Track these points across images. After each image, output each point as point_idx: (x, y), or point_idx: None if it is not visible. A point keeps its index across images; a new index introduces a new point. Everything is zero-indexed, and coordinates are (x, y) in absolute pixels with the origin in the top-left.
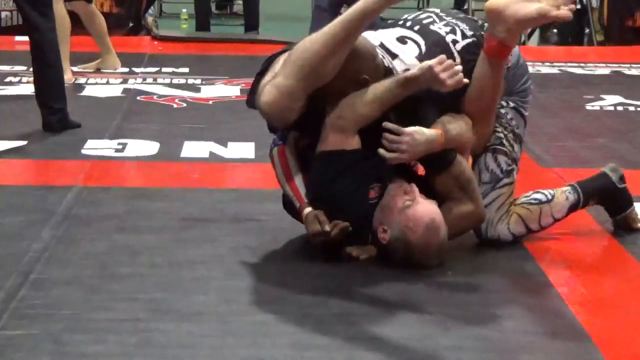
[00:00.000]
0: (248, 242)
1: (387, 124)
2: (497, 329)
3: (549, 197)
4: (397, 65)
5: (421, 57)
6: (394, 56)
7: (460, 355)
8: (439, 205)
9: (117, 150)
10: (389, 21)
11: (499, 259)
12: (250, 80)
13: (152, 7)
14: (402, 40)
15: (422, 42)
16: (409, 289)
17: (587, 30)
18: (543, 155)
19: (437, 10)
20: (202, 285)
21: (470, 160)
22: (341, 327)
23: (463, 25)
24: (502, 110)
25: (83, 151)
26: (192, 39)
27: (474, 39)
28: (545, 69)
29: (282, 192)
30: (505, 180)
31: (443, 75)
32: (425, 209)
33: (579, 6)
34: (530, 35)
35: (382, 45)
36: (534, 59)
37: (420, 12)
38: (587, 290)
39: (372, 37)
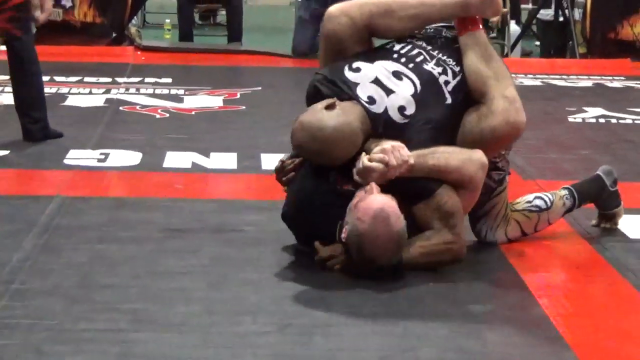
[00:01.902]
0: (230, 252)
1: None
2: (477, 341)
3: (549, 204)
4: (393, 103)
5: (416, 96)
6: (389, 92)
7: None
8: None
9: (99, 160)
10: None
11: (480, 271)
12: (233, 91)
13: (135, 17)
14: (398, 76)
15: (417, 81)
16: (390, 299)
17: (569, 43)
18: (526, 167)
19: (424, 44)
20: (184, 295)
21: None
22: (322, 338)
23: (451, 62)
24: None
25: (65, 161)
26: (176, 50)
27: (462, 75)
28: (528, 81)
29: None
30: (499, 189)
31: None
32: (375, 199)
33: (561, 18)
34: (513, 47)
35: (377, 80)
36: (516, 71)
37: (410, 47)
38: (568, 302)
39: (368, 72)
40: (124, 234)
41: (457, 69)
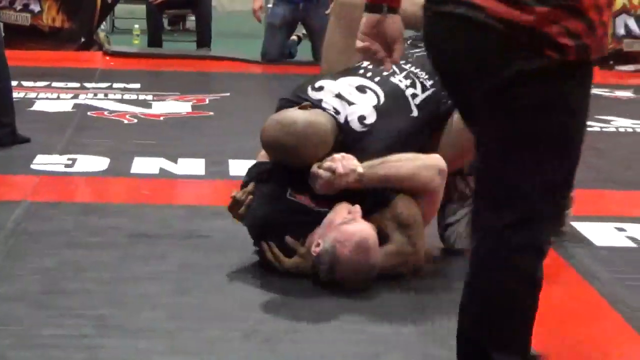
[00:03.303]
0: (197, 258)
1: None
2: (444, 348)
3: None
4: (353, 113)
5: (378, 107)
6: (350, 103)
7: None
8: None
9: (66, 166)
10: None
11: (450, 278)
12: (202, 97)
13: (104, 22)
14: (361, 89)
15: (380, 93)
16: (358, 305)
17: None
18: None
19: None
20: (150, 301)
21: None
22: (289, 344)
23: (423, 75)
24: None
25: (32, 166)
26: (144, 55)
27: (434, 89)
28: None
29: None
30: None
31: None
32: (362, 228)
33: None
34: None
35: (339, 95)
36: None
37: None
38: (538, 311)
39: (331, 88)
40: (90, 239)
41: (428, 83)
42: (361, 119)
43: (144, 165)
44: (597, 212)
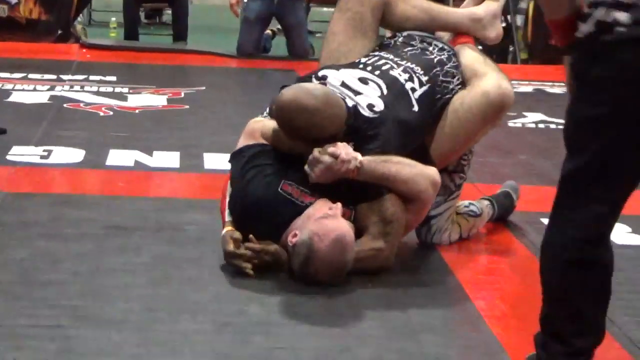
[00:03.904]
0: (171, 251)
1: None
2: (415, 342)
3: (479, 211)
4: (361, 101)
5: (383, 97)
6: (357, 93)
7: None
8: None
9: (42, 157)
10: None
11: (420, 273)
12: (177, 90)
13: (81, 15)
14: (364, 80)
15: (383, 85)
16: (329, 300)
17: (511, 48)
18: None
19: (391, 56)
20: (124, 293)
21: None
22: (261, 337)
23: (419, 71)
24: None
25: (8, 157)
26: (121, 48)
27: (429, 84)
28: None
29: None
30: (456, 193)
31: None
32: (340, 225)
33: (504, 24)
34: None
35: (344, 84)
36: None
37: (377, 58)
38: (503, 304)
39: (335, 76)
40: (66, 230)
41: (424, 78)
42: (370, 106)
43: (119, 157)
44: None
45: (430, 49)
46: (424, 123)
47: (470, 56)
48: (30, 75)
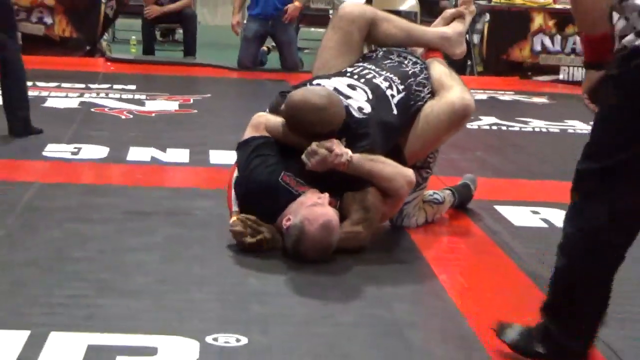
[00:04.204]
0: (181, 232)
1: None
2: (387, 309)
3: (442, 199)
4: (352, 103)
5: (369, 101)
6: (347, 97)
7: (356, 331)
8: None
9: (72, 153)
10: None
11: (392, 252)
12: (187, 97)
13: (106, 33)
14: (352, 87)
15: (368, 91)
16: (315, 274)
17: (469, 62)
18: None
19: (373, 66)
20: (142, 268)
21: None
22: (257, 305)
23: (396, 80)
24: None
25: (44, 153)
26: (139, 61)
27: (405, 92)
28: None
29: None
30: (423, 185)
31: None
32: (327, 212)
33: None
34: None
35: (335, 89)
36: None
37: (361, 68)
38: (462, 278)
39: (327, 84)
40: (92, 215)
41: (401, 87)
42: (360, 109)
43: (138, 153)
44: (516, 197)
45: (406, 62)
46: (401, 125)
47: (439, 70)
48: (63, 85)
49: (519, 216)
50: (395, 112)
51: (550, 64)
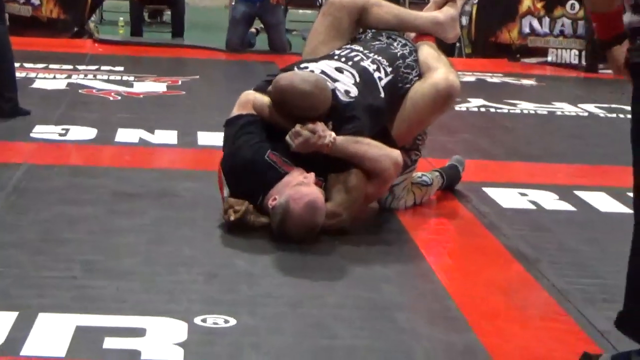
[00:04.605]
0: (170, 214)
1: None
2: (375, 290)
3: (431, 181)
4: (339, 87)
5: (356, 85)
6: (335, 80)
7: (344, 312)
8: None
9: (60, 135)
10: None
11: (380, 233)
12: (175, 78)
13: (94, 15)
14: (339, 70)
15: (355, 74)
16: (302, 254)
17: (457, 44)
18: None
19: (361, 48)
20: (130, 249)
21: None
22: (245, 286)
23: (384, 62)
24: None
25: (32, 134)
26: (127, 43)
27: (393, 74)
28: None
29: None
30: (412, 167)
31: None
32: (312, 191)
33: None
34: None
35: (323, 72)
36: None
37: (349, 51)
38: (450, 259)
39: (315, 67)
40: (81, 196)
41: (389, 69)
42: (347, 92)
43: (126, 135)
44: (504, 179)
45: (395, 44)
46: (389, 107)
47: (426, 52)
48: (51, 66)
49: (507, 198)
50: (382, 94)
51: (539, 46)
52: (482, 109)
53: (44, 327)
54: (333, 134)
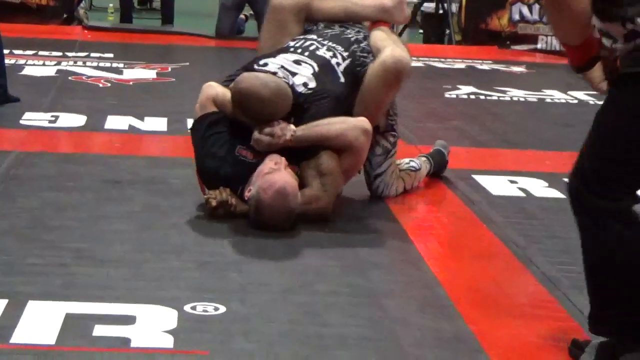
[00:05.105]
0: (159, 201)
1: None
2: (364, 278)
3: (419, 166)
4: (297, 80)
5: (315, 75)
6: (293, 74)
7: (334, 299)
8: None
9: (50, 122)
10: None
11: (369, 221)
12: (165, 65)
13: (83, 1)
14: (297, 62)
15: (314, 64)
16: (292, 242)
17: (447, 32)
18: (408, 134)
19: (315, 37)
20: (119, 236)
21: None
22: (235, 274)
23: (340, 49)
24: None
25: (21, 121)
26: (117, 29)
27: (350, 59)
28: (412, 63)
29: None
30: (393, 150)
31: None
32: (282, 177)
33: (441, 11)
34: (400, 35)
35: (282, 67)
36: None
37: (303, 41)
38: (440, 247)
39: (274, 62)
40: (70, 183)
41: (345, 54)
42: (305, 84)
43: (115, 122)
44: (494, 167)
45: (348, 30)
46: (350, 91)
47: (375, 36)
48: (40, 52)
49: (497, 185)
50: (342, 79)
51: (529, 33)
52: (472, 96)
53: (34, 314)
54: (292, 127)
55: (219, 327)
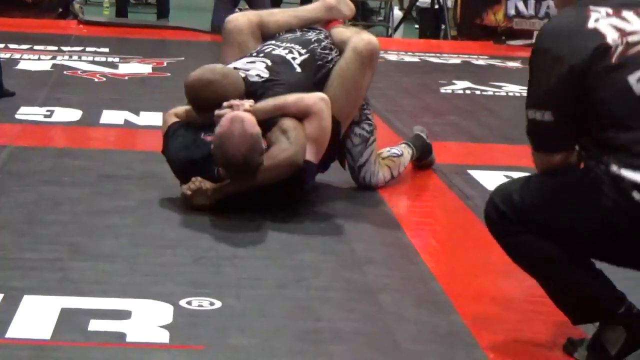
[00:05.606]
0: (154, 196)
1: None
2: (359, 273)
3: (400, 152)
4: (250, 72)
5: (268, 68)
6: (246, 71)
7: (329, 294)
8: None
9: (45, 116)
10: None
11: (365, 215)
12: (161, 60)
13: None
14: (251, 62)
15: (267, 60)
16: (287, 236)
17: (443, 27)
18: (403, 129)
19: (274, 41)
20: (115, 231)
21: None
22: (230, 268)
23: (297, 47)
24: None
25: (16, 116)
26: (113, 24)
27: (308, 54)
28: (408, 58)
29: None
30: (372, 138)
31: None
32: (235, 112)
33: (437, 6)
34: (395, 29)
35: (236, 68)
36: (398, 49)
37: (261, 46)
38: (435, 241)
39: (231, 65)
40: (65, 178)
41: (303, 51)
42: (258, 75)
43: (111, 117)
44: (489, 162)
45: (309, 33)
46: (309, 81)
47: (336, 32)
48: (35, 47)
49: (493, 180)
50: (298, 70)
51: (524, 28)
52: (468, 92)
53: (30, 309)
54: (251, 101)
55: (214, 321)
